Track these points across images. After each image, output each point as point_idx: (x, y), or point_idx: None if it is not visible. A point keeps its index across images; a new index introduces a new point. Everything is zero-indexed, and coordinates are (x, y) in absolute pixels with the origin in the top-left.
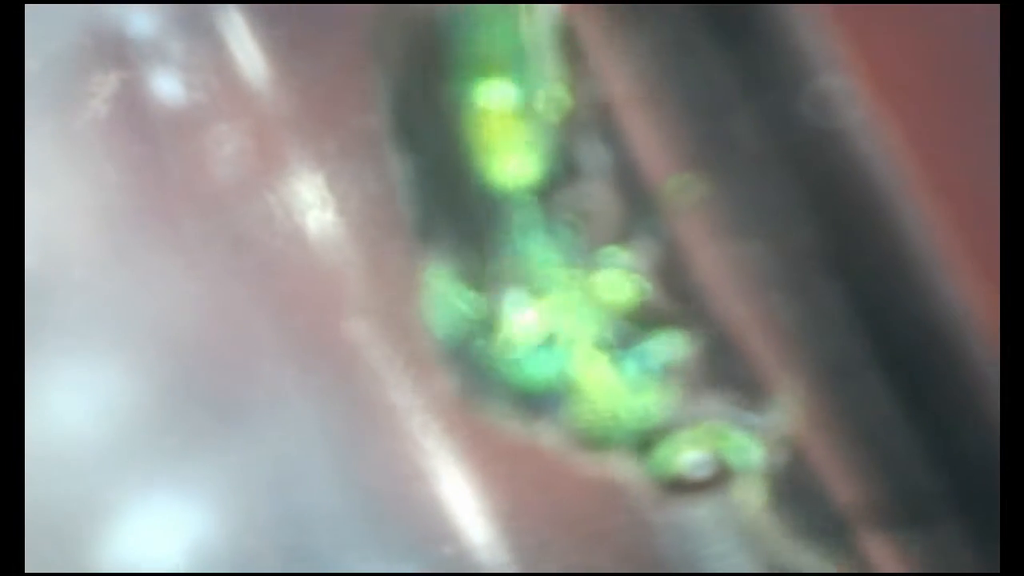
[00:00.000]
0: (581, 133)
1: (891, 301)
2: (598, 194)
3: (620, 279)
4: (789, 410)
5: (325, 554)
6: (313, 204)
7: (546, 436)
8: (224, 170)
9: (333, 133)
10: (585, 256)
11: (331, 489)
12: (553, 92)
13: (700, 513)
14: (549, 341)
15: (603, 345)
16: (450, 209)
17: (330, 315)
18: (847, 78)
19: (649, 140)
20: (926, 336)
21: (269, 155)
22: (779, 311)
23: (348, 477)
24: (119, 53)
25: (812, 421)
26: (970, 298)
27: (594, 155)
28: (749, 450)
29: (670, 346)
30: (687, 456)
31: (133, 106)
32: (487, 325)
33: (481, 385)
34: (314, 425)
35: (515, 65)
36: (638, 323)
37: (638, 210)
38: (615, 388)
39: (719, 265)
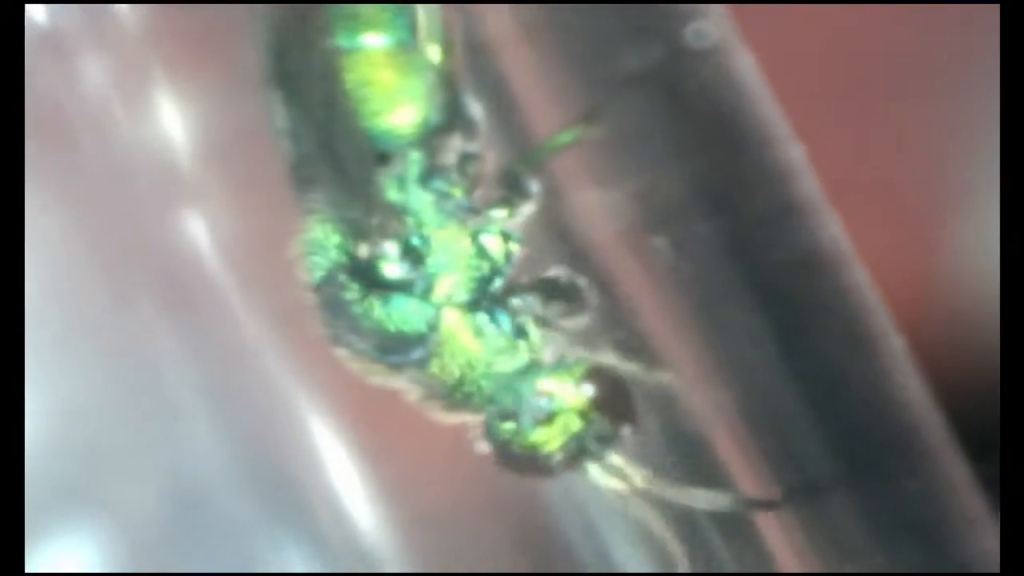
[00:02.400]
0: (460, 81)
1: (773, 245)
2: (477, 144)
3: (497, 232)
4: (670, 369)
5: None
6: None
7: (410, 388)
8: (92, 103)
9: (208, 67)
10: (463, 208)
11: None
12: (433, 39)
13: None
14: (421, 293)
15: (475, 300)
16: (329, 157)
17: (199, 258)
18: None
19: (528, 85)
20: (807, 277)
21: (137, 88)
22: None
23: (224, 424)
24: None
25: (695, 384)
26: (851, 237)
27: (473, 103)
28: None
29: (545, 303)
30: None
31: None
32: (359, 273)
33: (350, 333)
34: (187, 370)
35: (395, 12)
36: (512, 279)
37: (517, 159)
38: (483, 344)
39: (597, 213)
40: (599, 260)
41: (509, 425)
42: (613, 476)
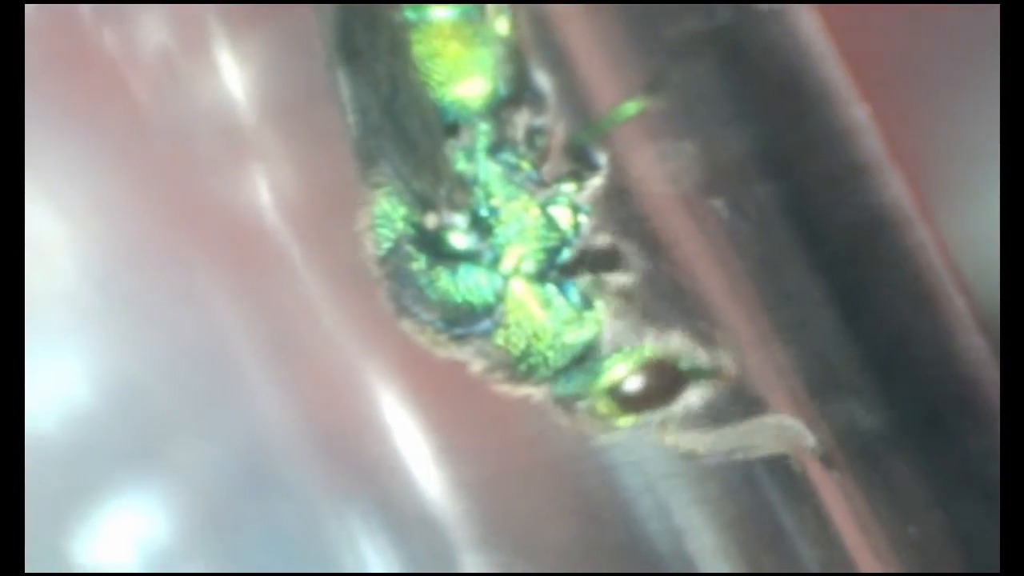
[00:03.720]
0: (527, 53)
1: (836, 204)
2: (545, 116)
3: (566, 204)
4: (732, 340)
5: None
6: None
7: (475, 360)
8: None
9: (268, 25)
10: (532, 181)
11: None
12: (499, 10)
13: (631, 446)
14: (489, 264)
15: (544, 271)
16: (395, 129)
17: (262, 218)
18: None
19: (592, 55)
20: (870, 237)
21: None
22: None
23: (288, 386)
24: None
25: (754, 346)
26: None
27: (541, 76)
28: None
29: (612, 277)
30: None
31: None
32: (426, 244)
33: (416, 304)
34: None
35: None
36: (580, 252)
37: (583, 130)
38: (550, 315)
39: (657, 175)
40: (658, 223)
41: (574, 398)
42: (679, 444)
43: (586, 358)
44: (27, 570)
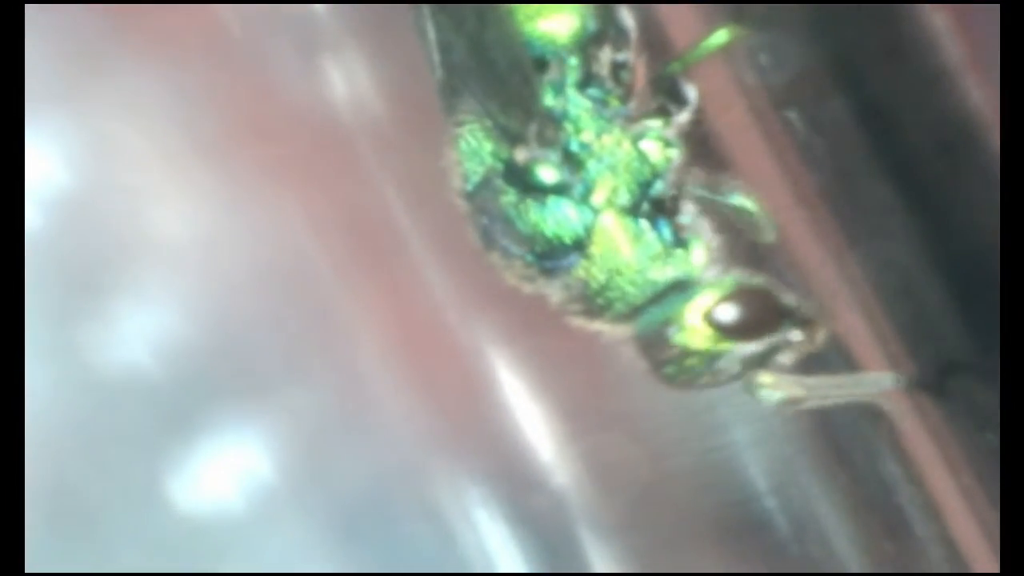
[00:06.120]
0: None
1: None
2: (629, 52)
3: (656, 138)
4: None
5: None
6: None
7: (556, 292)
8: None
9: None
10: (621, 115)
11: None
12: None
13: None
14: (580, 197)
15: (636, 204)
16: (482, 65)
17: (355, 172)
18: None
19: None
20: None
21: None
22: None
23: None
24: None
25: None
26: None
27: (625, 12)
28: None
29: (697, 215)
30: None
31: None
32: (515, 178)
33: (504, 238)
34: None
35: None
36: (668, 189)
37: (673, 63)
38: (638, 250)
39: (748, 126)
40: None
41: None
42: (772, 387)
43: (667, 297)
44: (135, 495)
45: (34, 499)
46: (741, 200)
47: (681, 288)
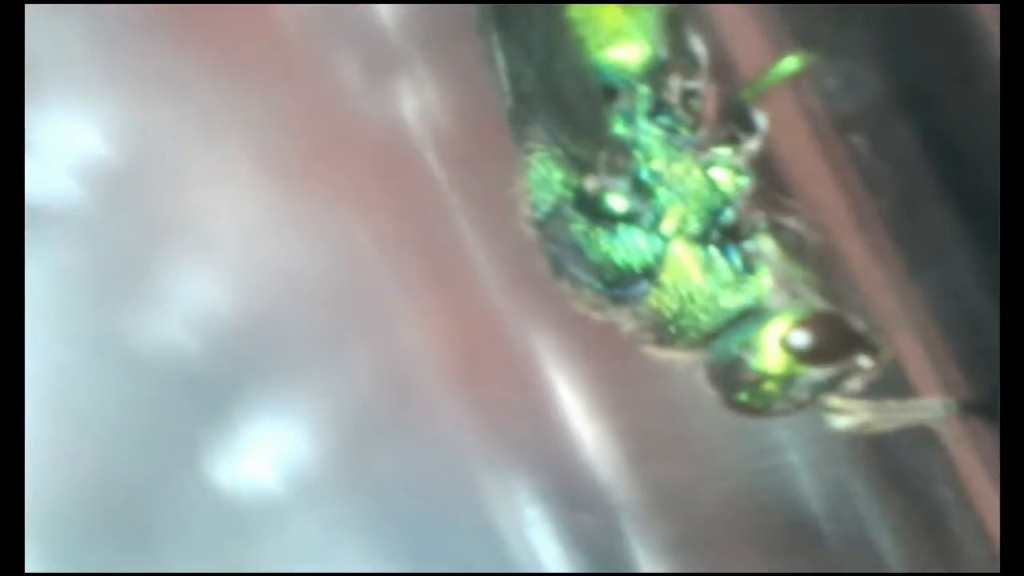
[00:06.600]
0: (683, 18)
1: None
2: (700, 80)
3: (727, 166)
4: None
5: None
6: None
7: (626, 320)
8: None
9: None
10: (691, 144)
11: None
12: None
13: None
14: (650, 225)
15: (706, 233)
16: (551, 94)
17: (426, 198)
18: None
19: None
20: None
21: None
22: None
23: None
24: None
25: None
26: None
27: (696, 39)
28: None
29: (767, 244)
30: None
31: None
32: (585, 207)
33: (574, 266)
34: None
35: None
36: (742, 213)
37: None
38: (709, 278)
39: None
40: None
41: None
42: (842, 412)
43: (740, 323)
44: (175, 476)
45: (75, 481)
46: (802, 225)
47: (754, 314)
